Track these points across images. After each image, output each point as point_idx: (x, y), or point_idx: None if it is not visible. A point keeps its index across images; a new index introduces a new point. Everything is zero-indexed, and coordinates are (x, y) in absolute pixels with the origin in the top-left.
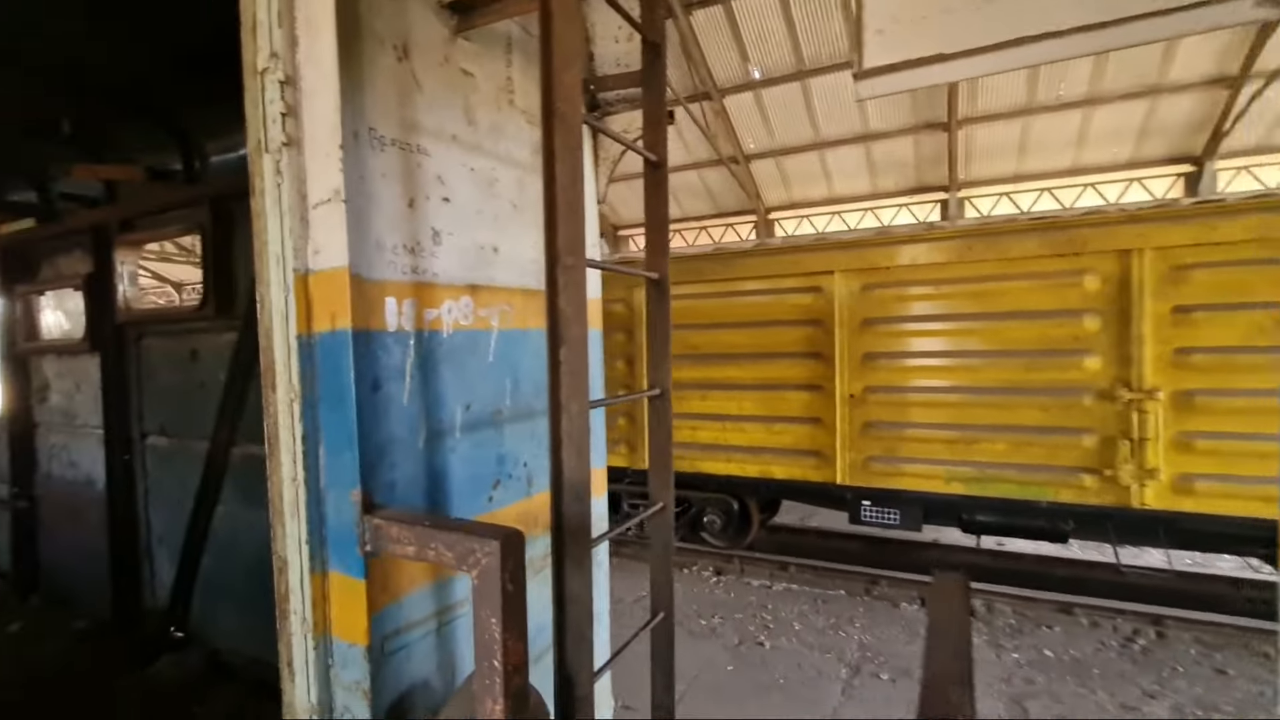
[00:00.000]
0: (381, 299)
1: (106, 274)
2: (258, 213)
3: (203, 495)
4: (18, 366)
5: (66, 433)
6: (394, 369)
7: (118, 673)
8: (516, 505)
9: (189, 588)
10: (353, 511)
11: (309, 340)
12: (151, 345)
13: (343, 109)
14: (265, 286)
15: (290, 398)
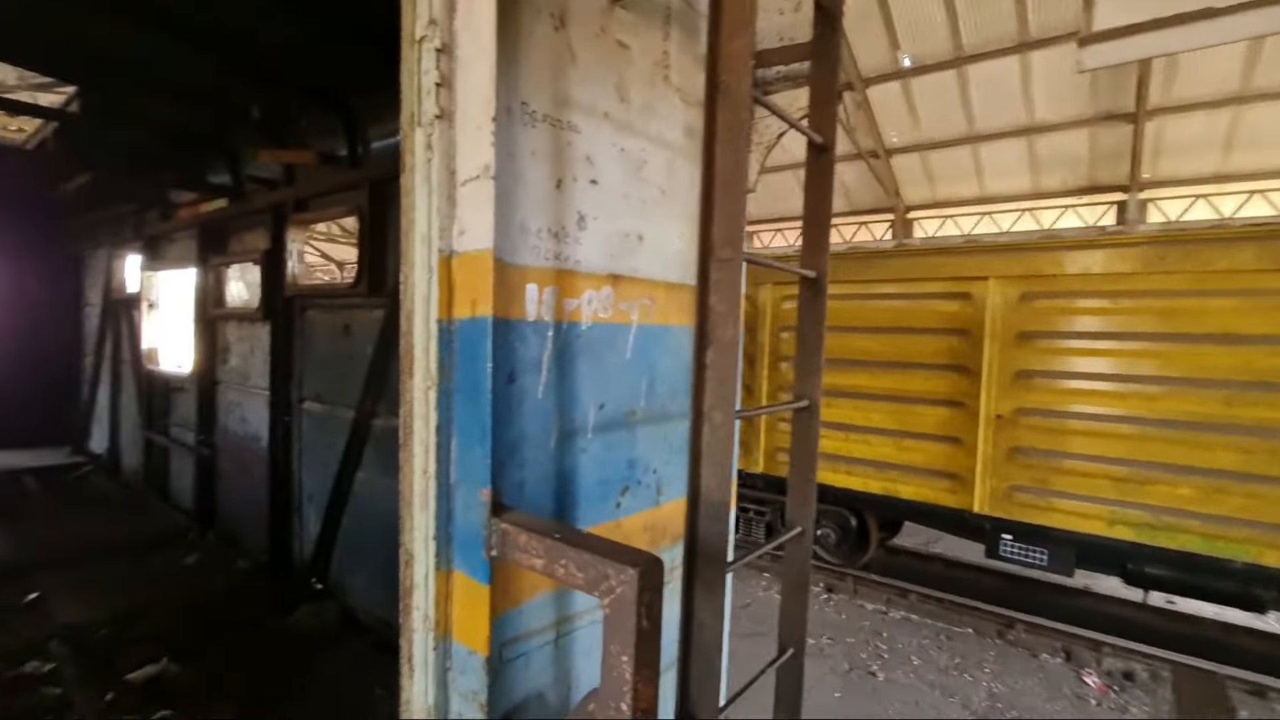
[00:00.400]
0: (522, 286)
1: (280, 250)
2: (407, 190)
3: (346, 460)
4: (206, 330)
5: (241, 392)
6: (531, 361)
7: (267, 614)
8: (644, 514)
9: (330, 545)
10: (481, 512)
11: (449, 326)
12: (313, 318)
13: (497, 80)
14: (410, 268)
15: (427, 385)
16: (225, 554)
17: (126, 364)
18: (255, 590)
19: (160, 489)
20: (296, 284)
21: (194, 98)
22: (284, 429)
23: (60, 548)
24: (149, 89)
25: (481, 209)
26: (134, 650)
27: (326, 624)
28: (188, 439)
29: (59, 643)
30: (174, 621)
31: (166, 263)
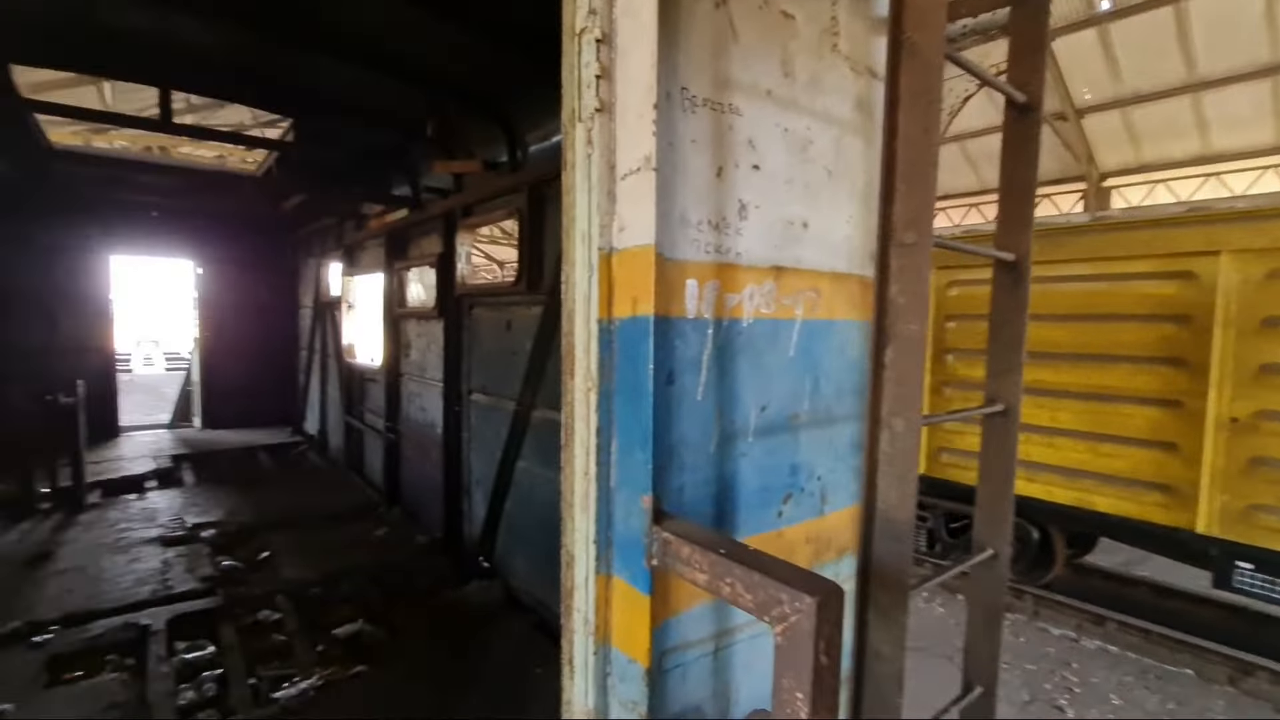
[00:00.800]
0: (682, 281)
1: (450, 253)
2: (567, 188)
3: (508, 449)
4: (392, 327)
5: (420, 383)
6: (690, 361)
7: (442, 586)
8: (807, 524)
9: (495, 527)
10: (642, 519)
11: (609, 326)
12: (479, 315)
13: (657, 65)
14: (571, 266)
15: (588, 387)
16: (407, 528)
17: (331, 358)
18: (432, 563)
19: (357, 467)
20: (465, 284)
21: (379, 120)
22: (455, 418)
23: (284, 513)
24: (345, 116)
25: (642, 203)
26: (338, 608)
27: (492, 600)
28: (378, 424)
29: (283, 597)
30: (368, 586)
31: (361, 268)
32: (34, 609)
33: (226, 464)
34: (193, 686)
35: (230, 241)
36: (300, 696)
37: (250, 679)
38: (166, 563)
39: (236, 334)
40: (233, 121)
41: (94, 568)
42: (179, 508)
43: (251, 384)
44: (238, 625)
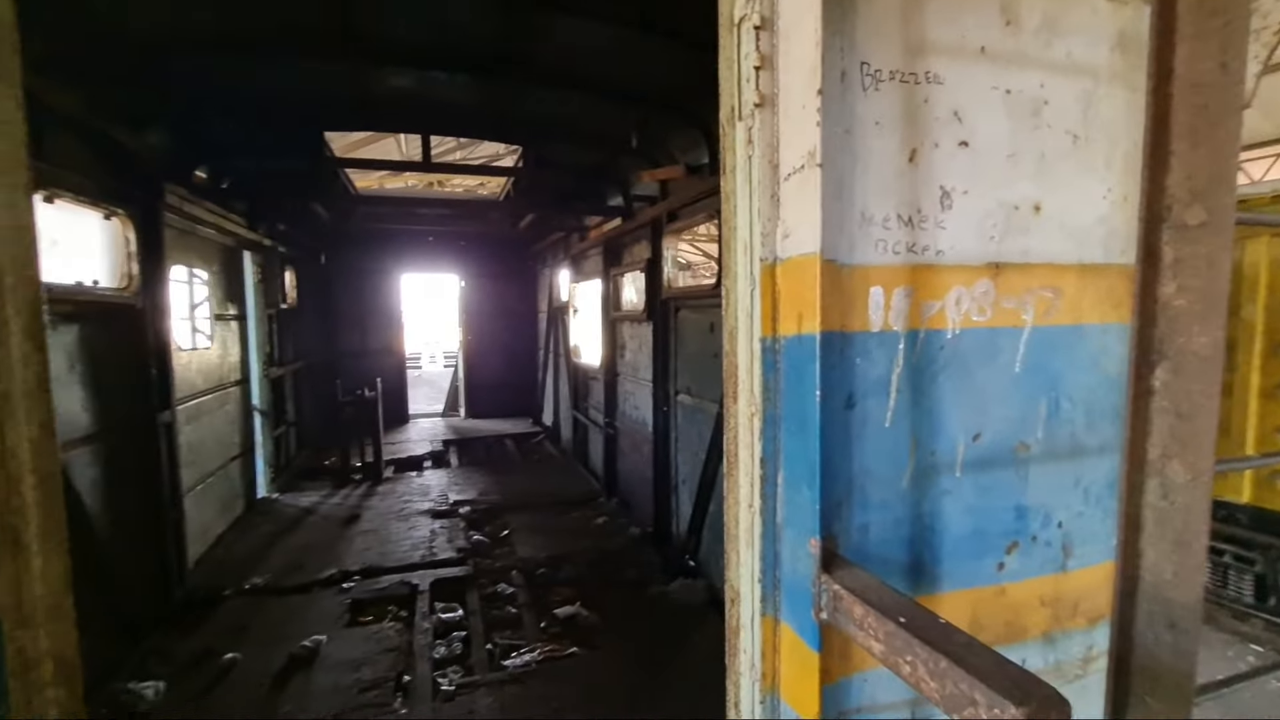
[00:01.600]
0: (864, 290)
1: (658, 258)
2: (727, 194)
3: (711, 452)
4: (609, 330)
5: (633, 382)
6: (875, 381)
7: (650, 579)
8: (1042, 581)
9: (699, 527)
10: (810, 564)
11: (774, 345)
12: (684, 318)
13: (825, 43)
14: (731, 280)
15: (751, 412)
16: (622, 519)
17: (561, 357)
18: (642, 555)
19: (582, 457)
20: (670, 287)
21: (591, 139)
22: (663, 417)
23: (522, 496)
24: (563, 139)
25: (807, 205)
26: (559, 590)
27: (696, 600)
28: (599, 420)
29: (517, 573)
30: (586, 571)
31: (584, 276)
32: (344, 560)
33: (482, 449)
34: (445, 643)
35: (484, 258)
36: (525, 667)
37: (487, 644)
38: (433, 532)
39: (490, 337)
40: (489, 153)
41: (385, 531)
42: (445, 485)
43: (502, 380)
44: (481, 594)
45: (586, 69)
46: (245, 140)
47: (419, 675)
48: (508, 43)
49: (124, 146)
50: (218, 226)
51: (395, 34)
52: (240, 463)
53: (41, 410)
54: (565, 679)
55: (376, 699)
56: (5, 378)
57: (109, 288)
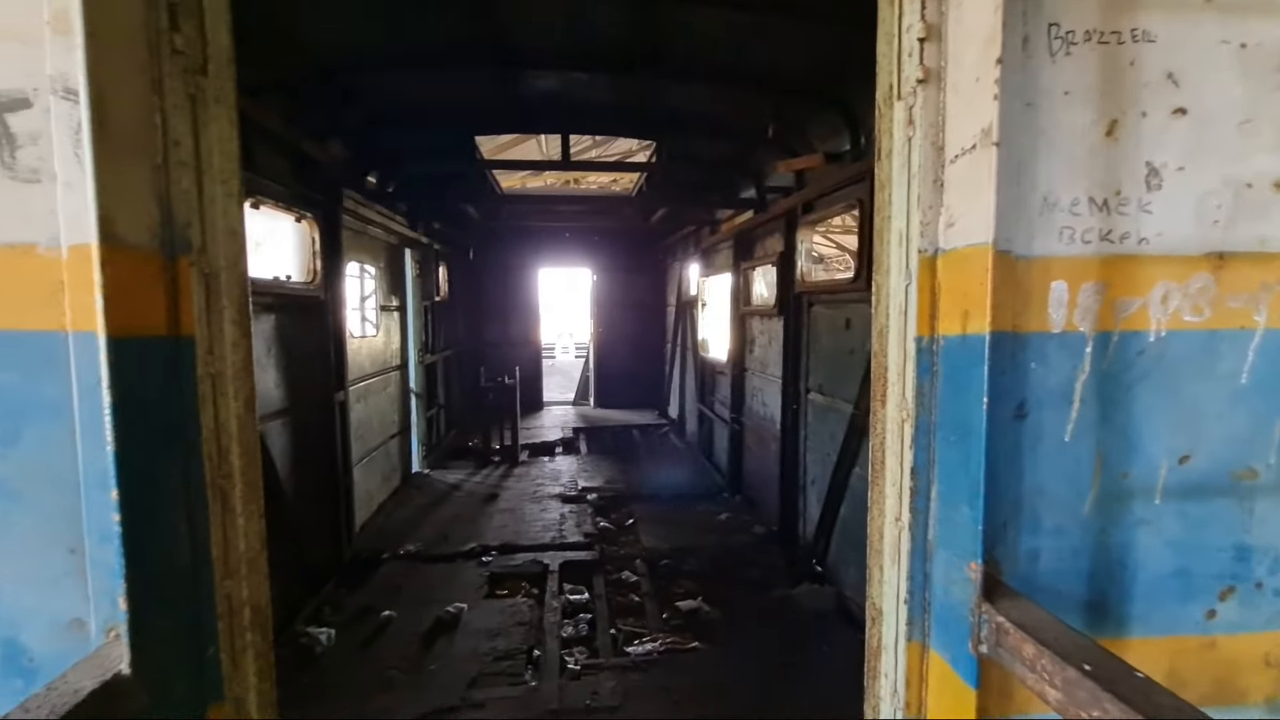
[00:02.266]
0: (1043, 285)
1: (791, 252)
2: (882, 181)
3: (843, 454)
4: (738, 324)
5: (761, 378)
6: (1053, 389)
7: (775, 581)
8: (1269, 637)
9: (829, 531)
10: (968, 590)
11: (931, 345)
12: (817, 313)
13: (1006, 6)
14: (883, 273)
15: (901, 417)
16: (746, 516)
17: (689, 351)
18: (766, 556)
19: (707, 451)
20: (804, 281)
21: (726, 132)
22: (793, 415)
23: (646, 486)
24: (696, 132)
25: (979, 190)
26: (682, 582)
27: (823, 607)
28: (725, 415)
29: (641, 561)
30: (708, 566)
31: (713, 270)
32: (484, 535)
33: (609, 438)
34: (572, 623)
35: (616, 253)
36: (647, 656)
37: (611, 629)
38: (563, 516)
39: (620, 329)
40: (622, 150)
41: (520, 511)
42: (575, 471)
43: (630, 371)
44: (606, 579)
45: (721, 59)
46: (409, 147)
47: (548, 651)
48: (643, 40)
49: (311, 157)
50: (384, 226)
51: (539, 39)
52: (398, 440)
53: (246, 389)
54: (686, 672)
55: (509, 669)
56: (219, 361)
57: (298, 282)
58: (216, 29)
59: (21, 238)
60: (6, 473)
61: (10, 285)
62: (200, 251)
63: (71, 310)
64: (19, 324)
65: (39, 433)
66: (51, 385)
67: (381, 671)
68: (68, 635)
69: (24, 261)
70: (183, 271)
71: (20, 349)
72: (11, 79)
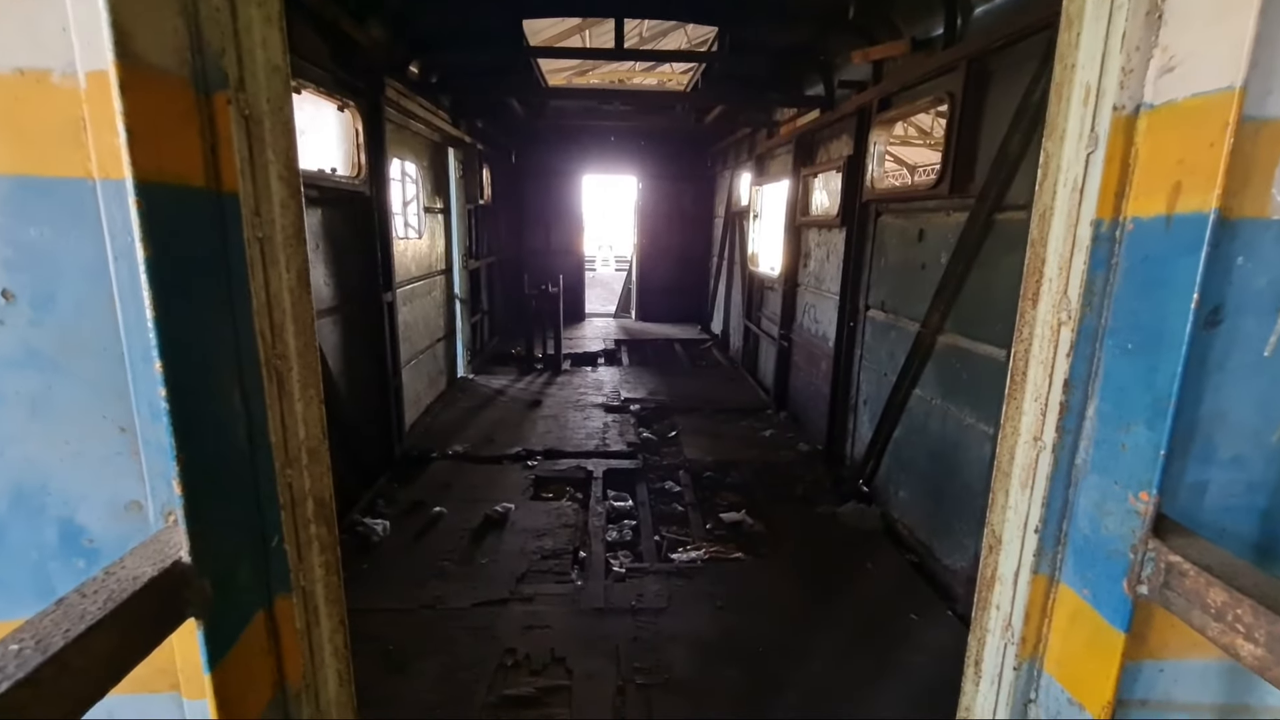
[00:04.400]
0: (1271, 157)
1: (861, 155)
2: (1070, 18)
3: (904, 374)
4: (793, 236)
5: (816, 294)
6: (1260, 293)
7: (819, 498)
8: None
9: (880, 453)
10: (1129, 524)
11: (1114, 231)
12: (886, 224)
13: None
14: (1055, 141)
15: (1059, 320)
16: (792, 433)
17: (737, 265)
18: (812, 473)
19: (751, 368)
20: (874, 188)
21: (796, 18)
22: (849, 333)
23: (689, 400)
24: (768, 17)
25: (1226, 12)
26: (725, 495)
27: (868, 526)
28: (773, 331)
29: (684, 472)
30: (752, 480)
31: (768, 178)
32: (529, 440)
33: (651, 351)
34: (616, 528)
35: (663, 159)
36: (691, 563)
37: (655, 535)
38: (606, 425)
39: (664, 241)
40: (673, 44)
41: (563, 418)
42: (617, 382)
43: (673, 284)
44: (650, 488)
45: None
46: (452, 32)
47: (594, 554)
48: None
49: (351, 38)
50: (427, 122)
51: None
52: (444, 344)
53: (299, 260)
54: (729, 581)
55: (556, 568)
56: (267, 224)
57: (344, 176)
58: None
59: (32, 62)
60: (44, 341)
61: (26, 120)
62: (238, 88)
63: (96, 153)
64: (41, 169)
65: (75, 296)
66: (84, 242)
67: (435, 562)
68: (126, 517)
69: (39, 91)
70: (219, 110)
71: (46, 198)
72: None
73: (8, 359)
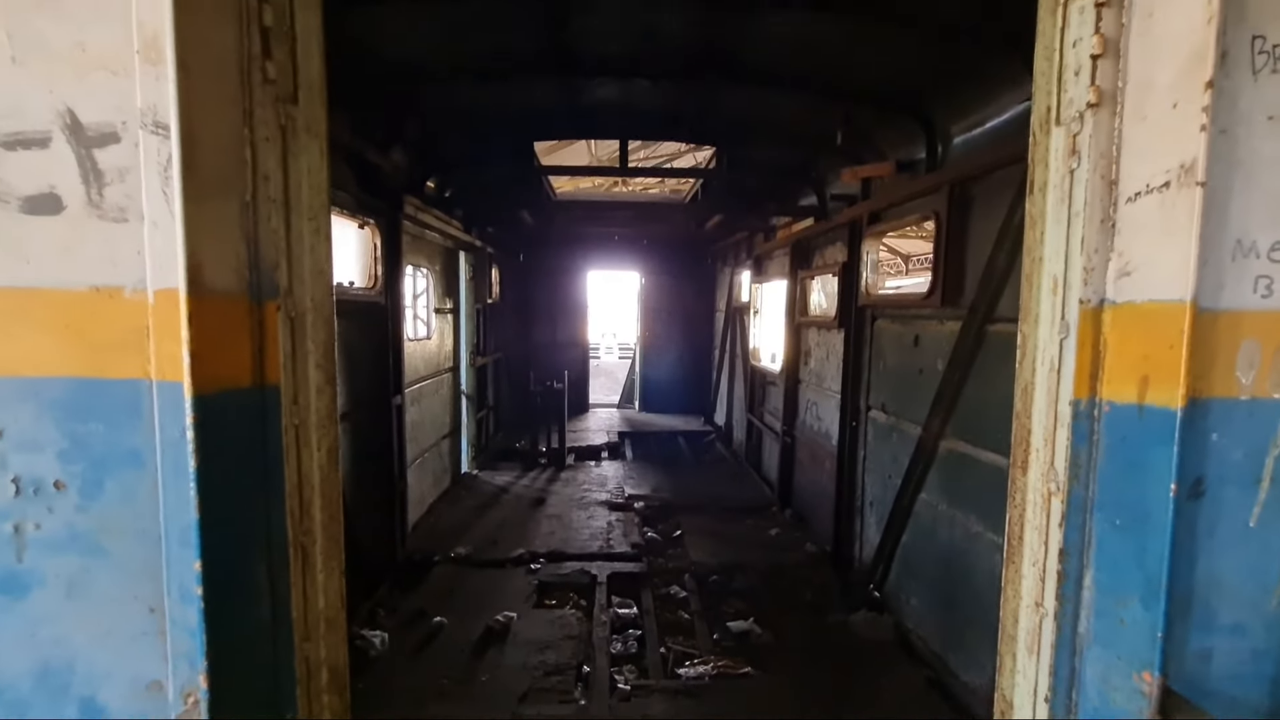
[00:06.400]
0: (1231, 343)
1: (855, 263)
2: (1033, 218)
3: (908, 478)
4: (793, 334)
5: (817, 391)
6: (1238, 465)
7: (829, 605)
8: None
9: (889, 558)
10: (1136, 703)
11: (1092, 410)
12: (883, 328)
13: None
14: (1030, 324)
15: (1049, 489)
16: (798, 533)
17: (738, 358)
18: (820, 577)
19: (755, 463)
20: (869, 294)
21: (791, 138)
22: (851, 433)
23: (694, 497)
24: (761, 140)
25: (1170, 236)
26: (732, 601)
27: (881, 638)
28: (776, 426)
29: (689, 577)
30: (759, 585)
31: (767, 277)
32: (532, 541)
33: (655, 444)
34: (621, 639)
35: (665, 257)
36: (699, 679)
37: (661, 647)
38: (610, 524)
39: (667, 333)
40: (668, 151)
41: (567, 517)
42: (621, 478)
43: (676, 376)
44: (654, 594)
45: (791, 65)
46: (469, 154)
47: (598, 668)
48: (710, 47)
49: (374, 165)
50: (441, 231)
51: (604, 49)
52: (449, 441)
53: (330, 438)
54: (739, 700)
55: (559, 685)
56: (303, 410)
57: (360, 288)
58: (309, 54)
59: (108, 280)
60: (89, 527)
61: (96, 330)
62: (287, 294)
63: (156, 358)
64: (103, 371)
65: (121, 485)
66: (134, 435)
67: (434, 680)
68: (146, 697)
69: (110, 305)
70: (269, 316)
71: (104, 397)
72: (101, 111)
73: (52, 543)
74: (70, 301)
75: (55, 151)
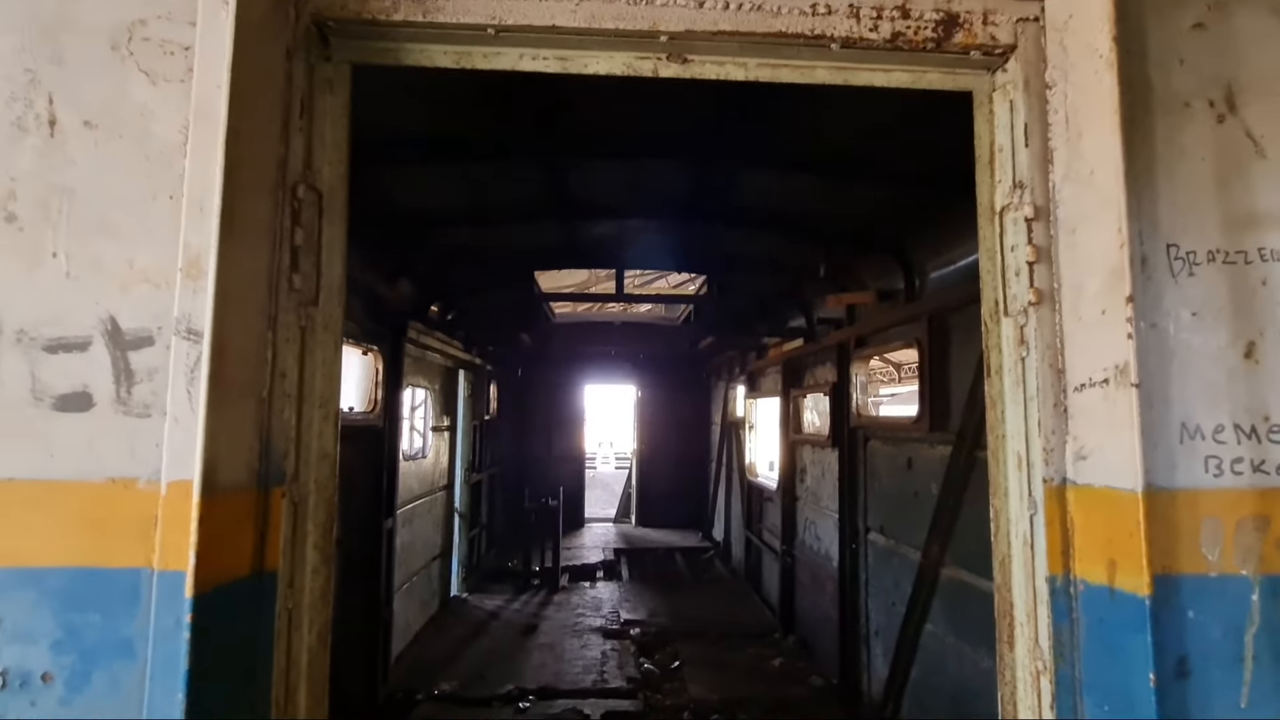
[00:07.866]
0: (1193, 521)
1: (845, 384)
2: (992, 399)
3: (912, 608)
4: (787, 451)
5: (814, 510)
6: (1218, 643)
7: None
8: None
9: (899, 693)
10: None
11: (1068, 588)
12: (877, 449)
13: (1125, 231)
14: (1000, 497)
15: (1036, 668)
16: (802, 662)
17: (734, 473)
18: (827, 713)
19: (755, 582)
20: (860, 415)
21: (778, 270)
22: (851, 555)
23: (692, 622)
24: (750, 271)
25: (1116, 429)
26: None
27: None
28: (774, 545)
29: (689, 715)
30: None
31: (760, 393)
32: (522, 676)
33: (651, 562)
34: None
35: (660, 372)
36: None
37: None
38: (604, 654)
39: (663, 447)
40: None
41: (559, 647)
42: (616, 601)
43: (672, 490)
44: None
45: (775, 210)
46: (472, 283)
47: None
48: (700, 196)
49: (382, 296)
50: (442, 351)
51: (601, 197)
52: (439, 562)
53: (321, 619)
54: None
55: None
56: (298, 593)
57: (359, 413)
58: (332, 263)
59: (125, 472)
60: None
61: (106, 520)
62: (293, 480)
63: (162, 548)
64: (107, 560)
65: (109, 676)
66: (129, 624)
67: None
68: None
69: (123, 495)
70: (274, 504)
71: (105, 586)
72: (139, 319)
73: None
74: (87, 493)
75: (93, 354)
